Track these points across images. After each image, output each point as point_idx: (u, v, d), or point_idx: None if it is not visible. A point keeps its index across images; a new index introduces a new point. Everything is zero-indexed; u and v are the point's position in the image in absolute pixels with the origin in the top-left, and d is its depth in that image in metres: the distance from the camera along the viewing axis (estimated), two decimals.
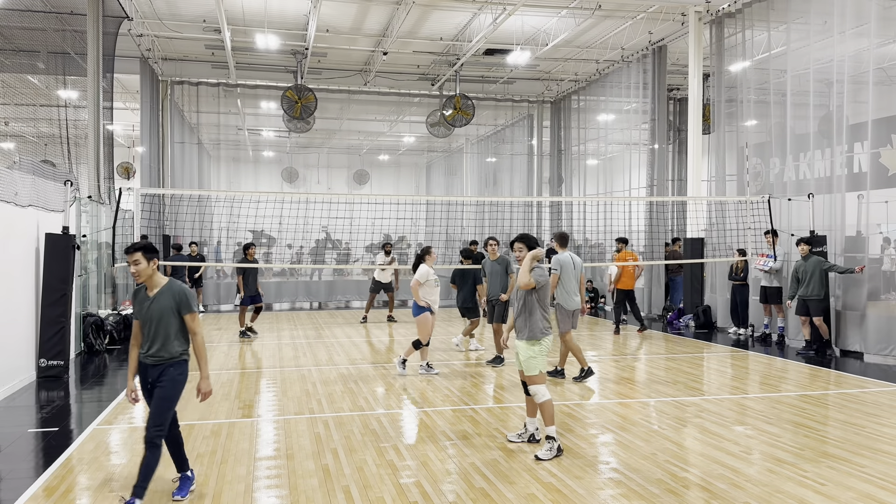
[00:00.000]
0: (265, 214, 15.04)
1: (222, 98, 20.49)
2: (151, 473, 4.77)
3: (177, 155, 19.63)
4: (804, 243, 11.43)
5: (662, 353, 11.62)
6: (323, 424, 7.07)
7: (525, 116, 23.07)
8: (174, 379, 5.02)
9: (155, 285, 5.01)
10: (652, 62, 16.77)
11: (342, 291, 20.71)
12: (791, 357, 11.13)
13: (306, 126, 19.74)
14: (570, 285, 9.03)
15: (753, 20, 13.57)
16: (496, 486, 5.29)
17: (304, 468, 5.72)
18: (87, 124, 12.04)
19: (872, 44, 11.07)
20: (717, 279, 14.66)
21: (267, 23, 15.57)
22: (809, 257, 11.30)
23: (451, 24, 16.39)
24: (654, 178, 17.01)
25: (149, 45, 17.24)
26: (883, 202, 12.76)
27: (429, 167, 31.74)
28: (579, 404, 7.97)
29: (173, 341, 5.03)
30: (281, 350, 11.82)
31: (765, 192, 13.16)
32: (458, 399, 8.24)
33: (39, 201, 9.66)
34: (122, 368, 10.40)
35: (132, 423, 7.30)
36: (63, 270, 9.68)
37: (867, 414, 7.47)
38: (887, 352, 10.67)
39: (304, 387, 8.88)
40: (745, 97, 13.83)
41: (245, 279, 12.93)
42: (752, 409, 7.73)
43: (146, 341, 5.02)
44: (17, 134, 13.04)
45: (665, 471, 5.65)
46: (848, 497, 5.08)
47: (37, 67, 12.37)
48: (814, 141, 12.53)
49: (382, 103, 22.42)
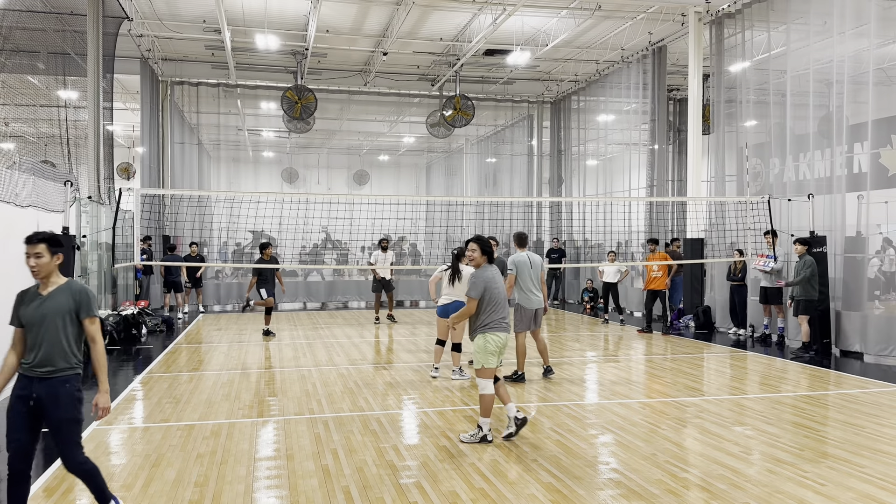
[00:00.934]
0: (265, 215, 15.04)
1: (222, 98, 20.50)
2: (103, 483, 4.38)
3: (177, 155, 19.64)
4: (799, 243, 11.41)
5: (662, 354, 11.63)
6: (323, 425, 7.07)
7: (525, 117, 23.08)
8: (72, 396, 4.22)
9: (51, 283, 4.39)
10: (652, 62, 16.78)
11: (342, 292, 20.71)
12: (790, 357, 11.13)
13: (306, 126, 19.75)
14: (527, 284, 9.05)
15: (753, 20, 13.58)
16: (496, 487, 5.29)
17: (303, 469, 5.72)
18: (87, 125, 12.05)
19: (872, 44, 11.08)
20: (716, 280, 14.67)
21: (267, 23, 15.58)
22: (803, 257, 11.29)
23: (450, 24, 16.40)
24: (654, 179, 17.02)
25: (149, 45, 17.25)
26: (883, 202, 12.77)
27: (429, 168, 31.75)
28: (579, 405, 7.98)
29: (66, 350, 4.23)
30: (281, 350, 11.83)
31: (764, 193, 13.16)
32: (458, 399, 8.24)
33: (39, 202, 9.66)
34: (122, 369, 10.40)
35: (132, 423, 7.30)
36: (63, 271, 9.64)
37: (867, 414, 7.47)
38: (887, 352, 10.67)
39: (303, 387, 8.88)
40: (744, 97, 13.83)
41: (261, 278, 12.85)
42: (752, 409, 7.73)
43: (32, 349, 4.19)
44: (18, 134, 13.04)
45: (665, 471, 5.65)
46: (848, 497, 5.08)
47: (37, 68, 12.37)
48: (813, 141, 12.54)
49: (382, 104, 22.43)
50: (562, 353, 11.74)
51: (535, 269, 9.10)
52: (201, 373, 9.90)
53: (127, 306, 13.77)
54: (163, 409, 7.76)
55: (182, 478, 5.50)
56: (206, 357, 11.25)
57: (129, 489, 5.26)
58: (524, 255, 9.14)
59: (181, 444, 6.40)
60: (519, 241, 9.43)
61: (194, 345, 12.53)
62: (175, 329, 14.46)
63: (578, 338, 13.56)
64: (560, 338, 13.60)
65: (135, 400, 8.33)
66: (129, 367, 10.56)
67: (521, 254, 9.18)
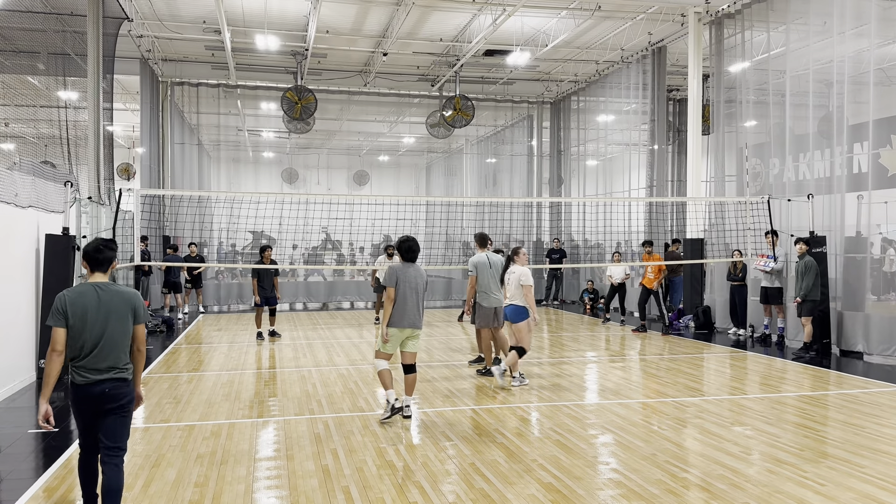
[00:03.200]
0: (265, 215, 15.05)
1: (222, 99, 20.50)
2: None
3: (177, 156, 19.64)
4: (803, 243, 11.41)
5: (662, 354, 11.63)
6: (323, 425, 7.07)
7: (525, 117, 23.08)
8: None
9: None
10: (651, 63, 16.78)
11: (342, 292, 20.71)
12: (791, 358, 11.13)
13: (306, 127, 19.75)
14: (486, 284, 9.36)
15: (753, 21, 13.57)
16: (496, 487, 5.29)
17: (304, 469, 5.72)
18: (87, 125, 12.04)
19: (872, 44, 11.08)
20: (716, 280, 14.67)
21: (267, 24, 15.58)
22: (804, 257, 11.28)
23: (450, 24, 16.40)
24: (654, 179, 17.02)
25: (149, 46, 17.25)
26: (882, 203, 12.77)
27: (429, 168, 31.75)
28: (579, 405, 7.98)
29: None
30: (281, 351, 11.83)
31: (764, 193, 13.16)
32: (458, 399, 8.25)
33: (40, 202, 9.66)
34: None
35: (132, 423, 7.29)
36: (63, 271, 9.68)
37: (867, 414, 7.47)
38: (889, 352, 10.67)
39: (304, 387, 8.88)
40: (744, 98, 13.83)
41: (260, 281, 12.86)
42: (752, 409, 7.74)
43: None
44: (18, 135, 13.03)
45: (665, 471, 5.65)
46: (848, 497, 5.08)
47: (37, 68, 12.36)
48: (813, 141, 12.54)
49: (382, 104, 22.43)
50: (562, 353, 11.74)
51: (494, 269, 9.43)
52: (201, 373, 9.91)
53: None
54: (163, 409, 7.76)
55: (182, 478, 5.50)
56: (206, 357, 11.26)
57: (130, 489, 5.26)
58: (484, 256, 9.50)
59: (181, 444, 6.40)
60: (479, 241, 9.82)
61: (194, 345, 12.53)
62: (175, 329, 14.47)
63: (578, 338, 13.56)
64: (560, 338, 13.60)
65: None
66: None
67: (480, 254, 9.55)
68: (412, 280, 7.10)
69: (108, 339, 4.27)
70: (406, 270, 7.13)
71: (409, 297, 7.08)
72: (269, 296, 13.01)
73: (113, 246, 4.51)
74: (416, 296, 7.12)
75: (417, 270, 7.19)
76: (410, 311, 7.09)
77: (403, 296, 7.08)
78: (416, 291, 7.12)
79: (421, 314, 7.20)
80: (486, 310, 9.41)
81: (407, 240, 7.29)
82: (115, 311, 4.30)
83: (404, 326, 7.11)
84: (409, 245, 7.22)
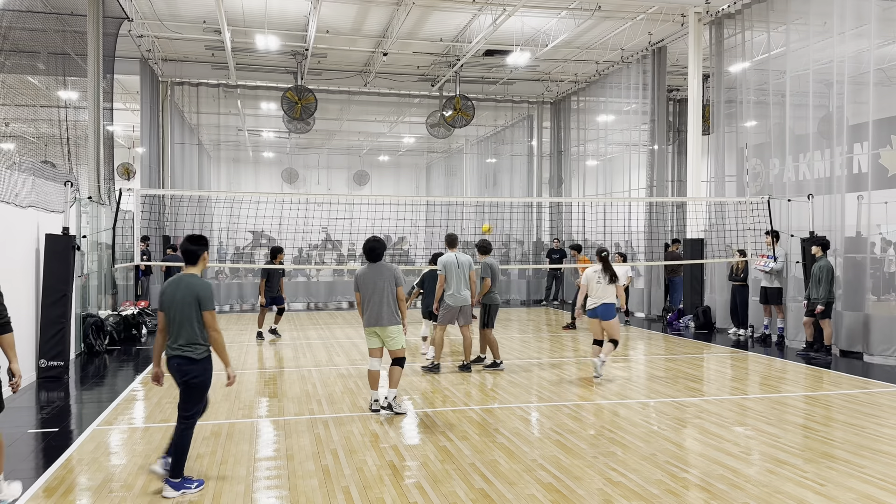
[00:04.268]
0: (265, 215, 15.02)
1: (222, 99, 20.49)
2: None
3: (177, 156, 19.63)
4: (818, 246, 11.29)
5: (662, 354, 11.63)
6: (323, 425, 7.07)
7: (525, 117, 23.07)
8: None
9: None
10: (652, 63, 16.78)
11: (342, 292, 20.70)
12: (791, 358, 11.13)
13: (306, 127, 19.74)
14: (453, 284, 9.58)
15: (753, 21, 13.57)
16: (496, 487, 5.29)
17: (303, 469, 5.72)
18: (88, 125, 12.04)
19: (872, 44, 11.07)
20: (716, 280, 14.67)
21: (267, 23, 15.58)
22: (819, 260, 11.19)
23: (450, 24, 16.40)
24: (654, 179, 17.02)
25: (149, 45, 17.25)
26: (883, 203, 12.76)
27: (429, 168, 31.74)
28: (579, 405, 7.98)
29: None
30: (281, 350, 11.83)
31: (764, 193, 13.16)
32: (458, 399, 8.25)
33: (39, 202, 9.66)
34: (122, 369, 10.41)
35: (132, 423, 7.30)
36: (63, 271, 9.68)
37: (867, 415, 7.47)
38: (889, 352, 10.66)
39: (303, 387, 8.88)
40: (744, 98, 13.83)
41: (268, 282, 12.91)
42: (752, 409, 7.74)
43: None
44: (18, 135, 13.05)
45: (665, 471, 5.65)
46: (848, 498, 5.08)
47: (37, 68, 12.37)
48: (813, 142, 12.54)
49: (382, 104, 22.41)
50: (562, 353, 11.75)
51: (462, 268, 9.64)
52: None
53: (127, 306, 13.77)
54: (163, 409, 7.76)
55: None
56: None
57: (130, 489, 5.26)
58: (452, 256, 9.72)
59: None
60: (449, 242, 10.05)
61: None
62: None
63: (578, 338, 13.56)
64: (560, 338, 13.60)
65: (135, 400, 8.33)
66: (129, 368, 10.57)
67: (449, 254, 9.79)
68: (370, 281, 7.33)
69: (178, 321, 5.16)
70: (365, 273, 7.39)
71: (372, 297, 7.33)
72: (276, 296, 13.07)
73: (199, 241, 5.36)
74: (378, 295, 7.31)
75: (378, 269, 7.35)
76: (374, 310, 7.34)
77: (368, 297, 7.37)
78: (378, 291, 7.30)
79: (389, 312, 7.35)
80: (452, 308, 9.66)
81: (368, 241, 7.43)
82: (183, 298, 5.16)
83: (372, 325, 7.41)
84: (371, 245, 7.38)
